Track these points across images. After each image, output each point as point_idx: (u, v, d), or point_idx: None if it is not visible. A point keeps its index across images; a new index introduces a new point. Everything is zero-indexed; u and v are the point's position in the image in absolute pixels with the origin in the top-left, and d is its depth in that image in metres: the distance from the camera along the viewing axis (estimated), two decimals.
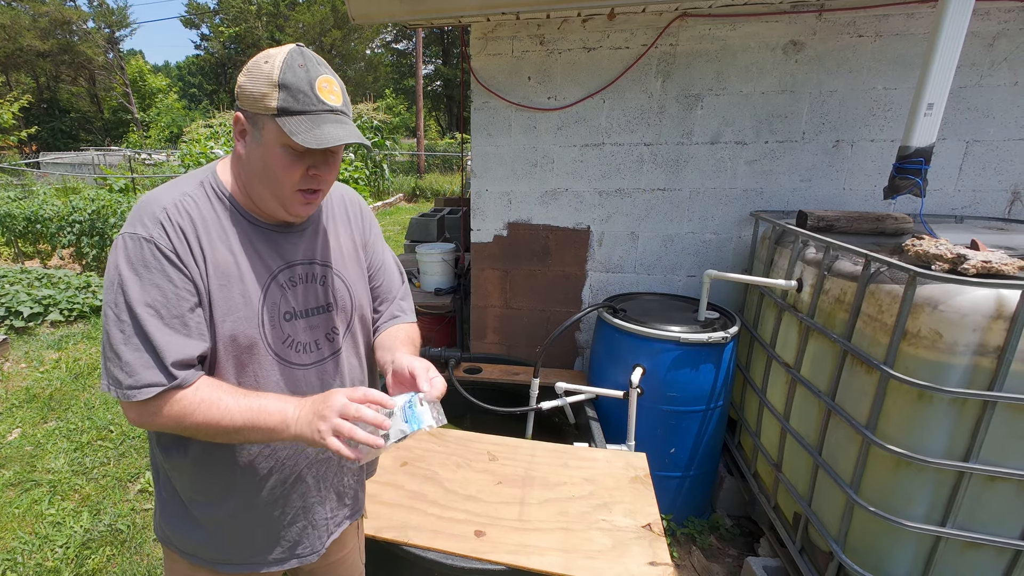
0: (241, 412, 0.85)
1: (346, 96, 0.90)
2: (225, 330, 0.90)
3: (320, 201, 0.95)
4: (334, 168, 0.92)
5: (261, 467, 0.98)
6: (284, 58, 0.84)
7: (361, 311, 1.09)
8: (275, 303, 0.95)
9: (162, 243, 0.85)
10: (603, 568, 1.31)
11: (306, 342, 1.00)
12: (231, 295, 0.90)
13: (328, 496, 1.09)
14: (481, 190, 2.89)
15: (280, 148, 0.85)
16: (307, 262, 1.00)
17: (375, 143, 14.29)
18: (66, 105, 30.38)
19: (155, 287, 0.84)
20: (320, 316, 1.01)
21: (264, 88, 0.83)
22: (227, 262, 0.91)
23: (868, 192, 2.51)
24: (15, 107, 12.00)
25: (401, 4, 2.25)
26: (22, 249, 7.17)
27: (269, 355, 0.95)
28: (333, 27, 27.91)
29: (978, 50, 2.26)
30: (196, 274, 0.87)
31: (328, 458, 1.05)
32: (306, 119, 0.83)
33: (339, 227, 1.09)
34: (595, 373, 2.47)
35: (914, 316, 1.41)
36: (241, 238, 0.93)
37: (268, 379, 0.95)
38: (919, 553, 1.50)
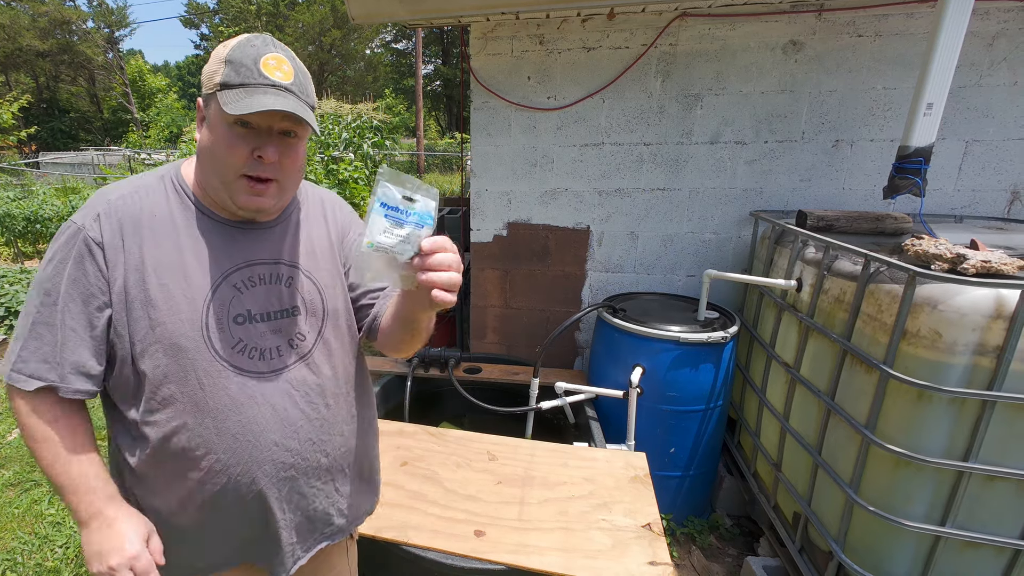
0: (58, 472, 0.83)
1: (303, 79, 0.84)
2: (164, 333, 0.83)
3: (275, 195, 0.87)
4: (287, 155, 0.84)
5: (214, 481, 0.88)
6: (240, 39, 0.81)
7: (336, 316, 0.99)
8: (224, 304, 0.87)
9: (91, 234, 0.81)
10: (603, 568, 1.31)
11: (264, 348, 0.90)
12: (172, 295, 0.83)
13: (295, 519, 0.97)
14: (481, 190, 2.89)
15: (223, 126, 0.80)
16: (271, 262, 0.92)
17: (375, 143, 14.27)
18: (66, 105, 30.35)
19: (72, 279, 0.81)
20: (283, 320, 0.92)
21: (215, 66, 0.80)
22: (171, 260, 0.84)
23: (868, 192, 2.51)
24: (15, 107, 11.99)
25: (401, 4, 2.25)
26: (22, 249, 7.17)
27: (216, 361, 0.86)
28: (333, 27, 27.89)
29: (977, 50, 2.26)
30: (121, 273, 0.82)
31: (292, 476, 0.94)
32: (242, 91, 0.78)
33: (313, 226, 1.01)
34: (595, 373, 2.47)
35: (914, 316, 1.41)
36: (193, 235, 0.86)
37: (214, 387, 0.86)
38: (919, 552, 1.51)
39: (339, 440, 1.00)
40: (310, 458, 0.95)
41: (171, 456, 0.87)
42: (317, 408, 0.95)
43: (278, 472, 0.92)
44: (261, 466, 0.90)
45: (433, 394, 2.65)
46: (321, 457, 0.97)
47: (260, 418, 0.89)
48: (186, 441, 0.86)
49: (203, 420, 0.86)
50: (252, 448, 0.89)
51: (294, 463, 0.93)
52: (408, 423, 2.04)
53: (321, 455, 0.97)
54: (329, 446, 0.98)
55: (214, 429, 0.86)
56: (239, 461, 0.88)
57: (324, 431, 0.97)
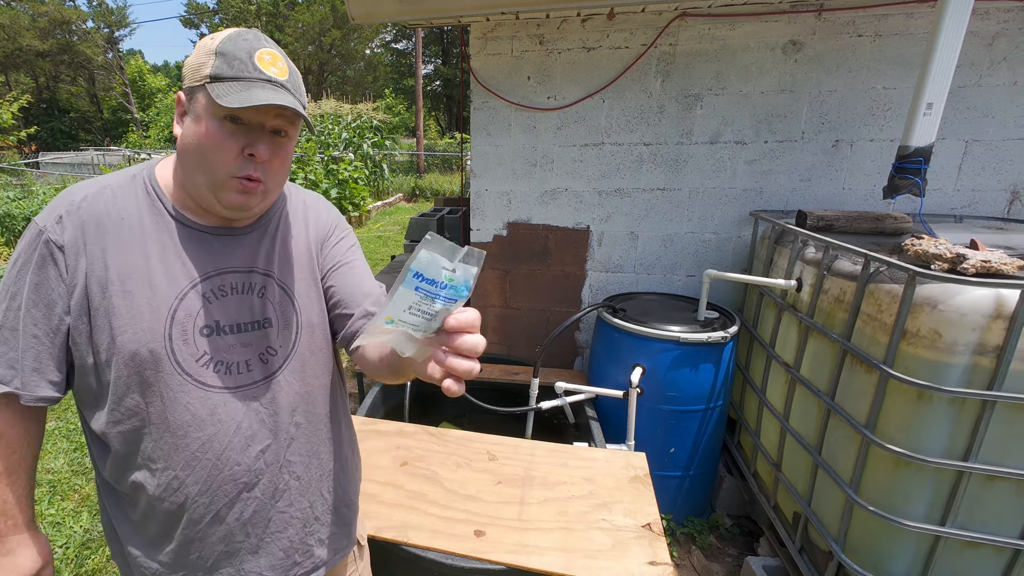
0: None
1: (296, 76, 0.81)
2: (125, 342, 0.78)
3: (262, 197, 0.83)
4: (278, 154, 0.81)
5: (171, 499, 0.84)
6: (230, 32, 0.78)
7: (311, 330, 0.92)
8: (190, 314, 0.81)
9: (53, 236, 0.78)
10: (603, 568, 1.31)
11: (233, 361, 0.85)
12: (135, 303, 0.79)
13: (262, 547, 0.90)
14: (481, 190, 2.89)
15: (212, 121, 0.75)
16: (245, 270, 0.87)
17: (375, 143, 14.26)
18: (65, 105, 30.36)
19: (33, 285, 0.78)
20: (254, 333, 0.86)
21: (202, 58, 0.76)
22: (135, 266, 0.79)
23: (868, 192, 2.51)
24: (14, 107, 11.97)
25: (401, 4, 2.25)
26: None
27: (177, 375, 0.81)
28: (333, 27, 27.90)
29: (977, 50, 2.27)
30: (82, 279, 0.78)
31: (256, 498, 0.87)
32: (237, 83, 0.74)
33: (292, 232, 0.93)
34: (595, 373, 2.47)
35: (913, 316, 1.41)
36: (163, 240, 0.82)
37: (175, 402, 0.81)
38: (919, 552, 1.51)
39: (314, 462, 0.94)
40: (277, 480, 0.89)
41: (131, 468, 0.84)
42: (286, 428, 0.89)
43: (240, 493, 0.86)
44: (221, 486, 0.84)
45: (433, 394, 2.64)
46: (291, 480, 0.91)
47: (222, 436, 0.83)
48: (148, 454, 0.82)
49: (163, 435, 0.82)
50: (212, 468, 0.83)
51: (258, 483, 0.87)
52: (408, 423, 2.04)
53: (291, 478, 0.91)
54: (300, 468, 0.92)
55: (173, 445, 0.82)
56: (197, 480, 0.83)
57: (293, 452, 0.91)
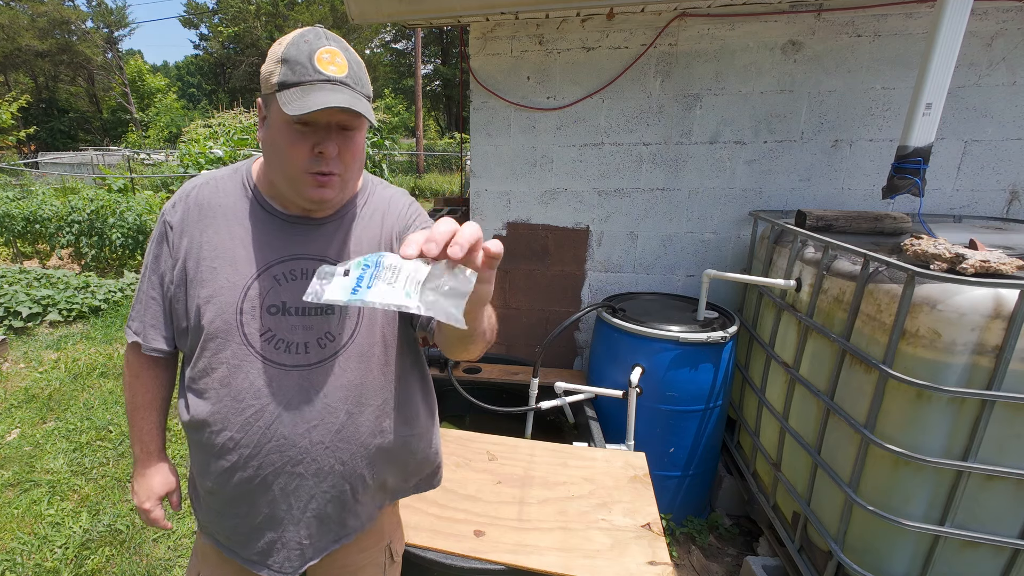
0: (129, 414, 1.07)
1: (357, 70, 0.84)
2: (207, 312, 0.90)
3: (339, 187, 0.89)
4: (347, 147, 0.86)
5: (227, 458, 0.92)
6: (294, 36, 0.82)
7: (372, 322, 0.96)
8: (261, 293, 0.90)
9: (168, 218, 0.96)
10: (602, 567, 1.31)
11: (294, 341, 0.91)
12: (218, 278, 0.90)
13: (303, 519, 0.96)
14: (480, 190, 2.89)
15: (283, 125, 0.83)
16: (317, 258, 0.94)
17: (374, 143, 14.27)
18: (65, 105, 30.33)
19: (154, 256, 0.97)
20: (317, 318, 0.92)
21: (271, 66, 0.82)
22: (225, 246, 0.92)
23: (867, 192, 2.52)
24: (14, 107, 11.97)
25: (400, 4, 2.25)
26: (21, 249, 7.16)
27: (244, 346, 0.90)
28: (332, 27, 27.90)
29: (976, 50, 2.27)
30: (183, 254, 0.93)
31: (300, 474, 0.93)
32: (299, 90, 0.79)
33: (367, 227, 0.99)
34: (594, 373, 2.47)
35: (913, 315, 1.41)
36: (249, 225, 0.93)
37: (239, 369, 0.90)
38: (918, 552, 1.51)
39: (360, 452, 0.96)
40: (322, 462, 0.93)
41: (200, 425, 0.94)
42: (336, 414, 0.93)
43: (285, 466, 0.92)
44: (268, 455, 0.91)
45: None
46: (336, 464, 0.94)
47: (273, 408, 0.90)
48: (210, 413, 0.93)
49: (224, 398, 0.91)
50: (261, 436, 0.91)
51: (303, 460, 0.92)
52: None
53: (335, 461, 0.94)
54: (345, 455, 0.95)
55: (232, 408, 0.91)
56: (250, 443, 0.91)
57: (341, 439, 0.94)
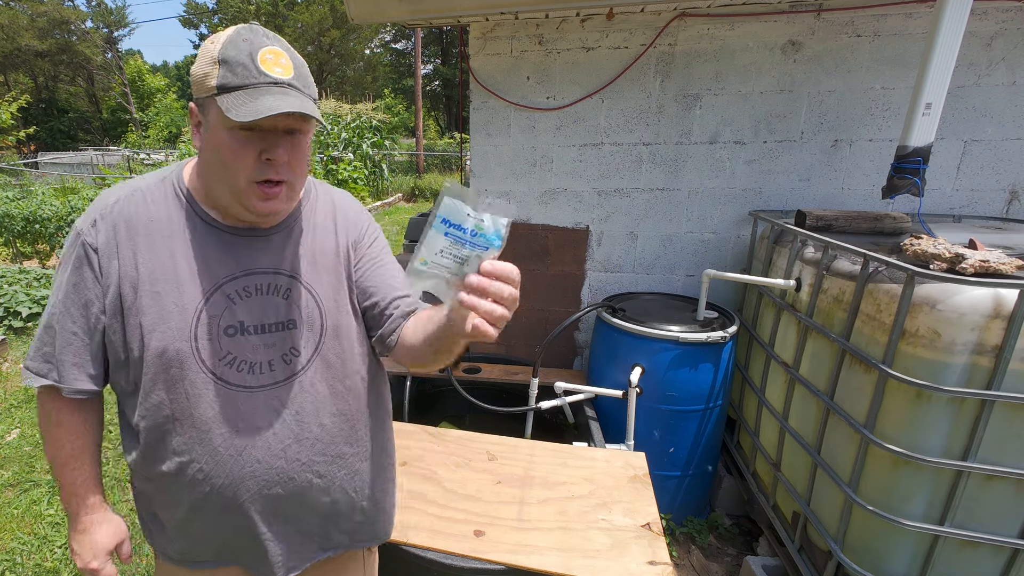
0: (56, 468, 0.93)
1: (301, 70, 0.80)
2: (154, 342, 0.82)
3: (287, 197, 0.83)
4: (295, 154, 0.81)
5: (199, 489, 0.88)
6: (230, 35, 0.77)
7: (336, 332, 0.93)
8: (215, 315, 0.84)
9: (88, 239, 0.83)
10: (602, 567, 1.31)
11: (257, 361, 0.87)
12: (163, 304, 0.82)
13: (284, 535, 0.94)
14: (480, 190, 2.89)
15: (225, 132, 0.76)
16: (270, 271, 0.88)
17: (374, 143, 14.24)
18: (64, 105, 30.33)
19: (72, 285, 0.84)
20: (279, 334, 0.88)
21: (207, 68, 0.76)
22: (165, 267, 0.83)
23: (867, 191, 2.52)
24: (13, 107, 11.95)
25: (400, 4, 2.24)
26: (20, 249, 7.16)
27: (202, 373, 0.84)
28: (332, 27, 27.88)
29: (976, 50, 2.27)
30: (115, 280, 0.82)
31: (278, 494, 0.90)
32: (244, 93, 0.73)
33: (319, 233, 0.94)
34: (594, 373, 2.47)
35: (912, 315, 1.41)
36: (190, 241, 0.84)
37: (199, 399, 0.84)
38: (917, 552, 1.51)
39: (338, 462, 0.96)
40: (299, 478, 0.92)
41: (158, 459, 0.88)
42: (310, 428, 0.91)
43: (261, 490, 0.89)
44: (243, 482, 0.88)
45: (432, 394, 2.64)
46: (313, 478, 0.93)
47: (243, 434, 0.86)
48: (173, 448, 0.86)
49: (188, 430, 0.85)
50: (233, 464, 0.86)
51: (279, 481, 0.90)
52: (407, 423, 2.04)
53: (313, 476, 0.93)
54: (323, 467, 0.94)
55: (198, 439, 0.85)
56: (221, 474, 0.87)
57: (317, 452, 0.93)
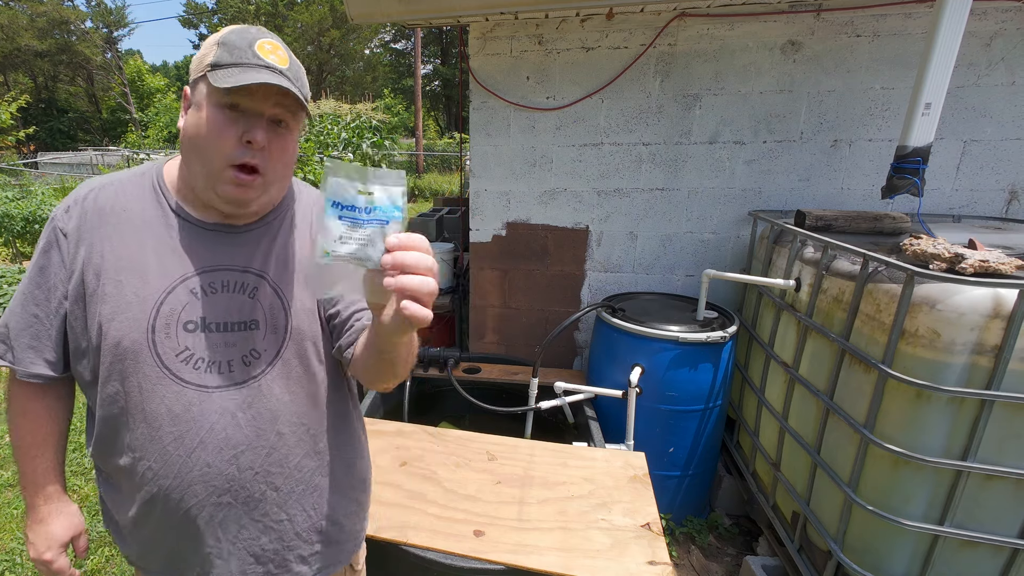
0: (17, 456, 0.92)
1: (297, 68, 0.80)
2: (112, 331, 0.80)
3: (260, 190, 0.81)
4: (277, 144, 0.79)
5: (146, 488, 0.85)
6: (235, 26, 0.79)
7: (300, 337, 0.89)
8: (175, 308, 0.81)
9: (60, 224, 0.84)
10: (602, 567, 1.31)
11: (215, 360, 0.83)
12: (124, 293, 0.80)
13: (235, 552, 0.89)
14: (480, 190, 2.89)
15: (212, 108, 0.76)
16: (239, 269, 0.86)
17: (374, 143, 14.24)
18: (64, 105, 30.32)
19: (39, 268, 0.84)
20: (241, 333, 0.85)
21: (205, 50, 0.78)
22: (132, 257, 0.81)
23: (866, 191, 2.52)
24: (13, 107, 11.94)
25: (400, 4, 2.24)
26: (20, 249, 7.16)
27: (156, 367, 0.81)
28: (331, 27, 27.88)
29: (975, 50, 2.27)
30: (79, 266, 0.82)
31: (228, 503, 0.86)
32: (235, 68, 0.74)
33: (295, 235, 0.91)
34: (594, 373, 2.47)
35: (912, 315, 1.41)
36: (159, 233, 0.83)
37: (152, 394, 0.81)
38: (917, 552, 1.51)
39: (296, 475, 0.91)
40: (252, 488, 0.87)
41: (112, 453, 0.87)
42: (266, 436, 0.87)
43: (211, 496, 0.85)
44: (191, 486, 0.84)
45: (432, 394, 2.64)
46: (268, 490, 0.89)
47: (195, 435, 0.83)
48: (125, 441, 0.85)
49: (139, 425, 0.83)
50: (182, 465, 0.83)
51: (230, 489, 0.86)
52: (407, 423, 2.04)
53: (268, 488, 0.89)
54: (279, 479, 0.89)
55: (148, 436, 0.83)
56: (169, 474, 0.84)
57: (273, 462, 0.88)
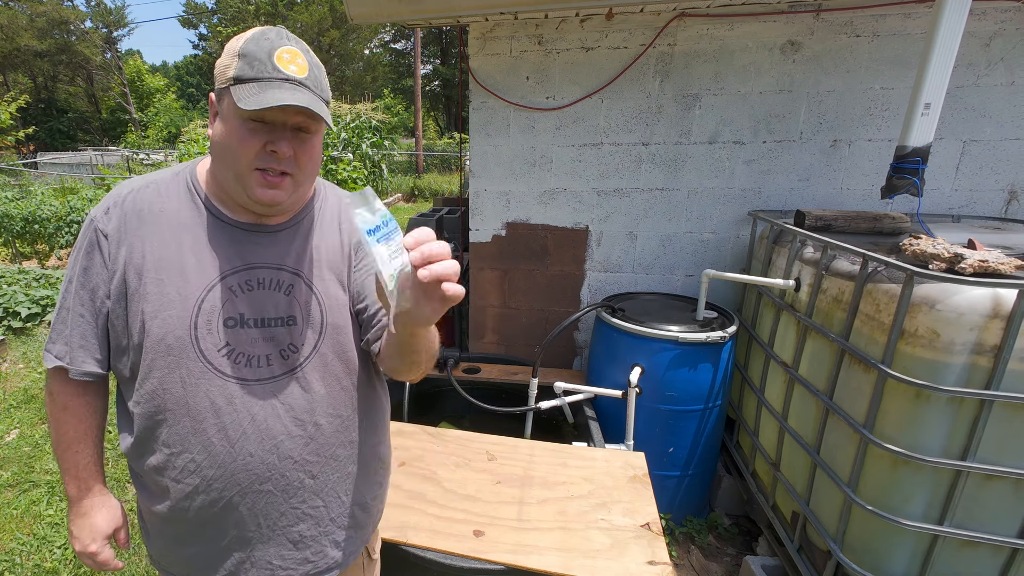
0: (59, 451, 0.95)
1: (316, 72, 0.83)
2: (155, 328, 0.83)
3: (290, 189, 0.85)
4: (302, 149, 0.83)
5: (187, 481, 0.88)
6: (255, 32, 0.81)
7: (336, 332, 0.94)
8: (216, 305, 0.85)
9: (100, 226, 0.86)
10: (602, 567, 1.31)
11: (255, 354, 0.87)
12: (166, 291, 0.84)
13: (274, 538, 0.93)
14: (479, 190, 2.89)
15: (236, 120, 0.79)
16: (274, 267, 0.90)
17: (374, 143, 14.24)
18: (64, 105, 30.30)
19: (83, 268, 0.87)
20: (278, 328, 0.89)
21: (227, 60, 0.80)
22: (171, 256, 0.85)
23: (866, 192, 2.52)
24: (12, 107, 11.94)
25: (399, 4, 2.25)
26: (20, 249, 7.15)
27: (199, 362, 0.85)
28: (331, 27, 27.87)
29: (975, 50, 2.27)
30: (121, 266, 0.85)
31: (269, 491, 0.90)
32: (256, 85, 0.77)
33: (326, 233, 0.96)
34: (594, 373, 2.47)
35: (911, 315, 1.41)
36: (197, 233, 0.87)
37: (196, 388, 0.85)
38: (917, 552, 1.51)
39: (332, 464, 0.96)
40: (291, 477, 0.92)
41: (151, 449, 0.89)
42: (304, 426, 0.91)
43: (252, 484, 0.89)
44: (234, 475, 0.88)
45: (432, 394, 2.65)
46: (306, 478, 0.93)
47: (238, 426, 0.87)
48: (164, 436, 0.87)
49: (181, 419, 0.86)
50: (226, 455, 0.87)
51: (271, 478, 0.90)
52: (407, 423, 2.04)
53: (306, 476, 0.93)
54: (316, 468, 0.94)
55: (191, 429, 0.86)
56: (213, 464, 0.87)
57: (311, 451, 0.93)
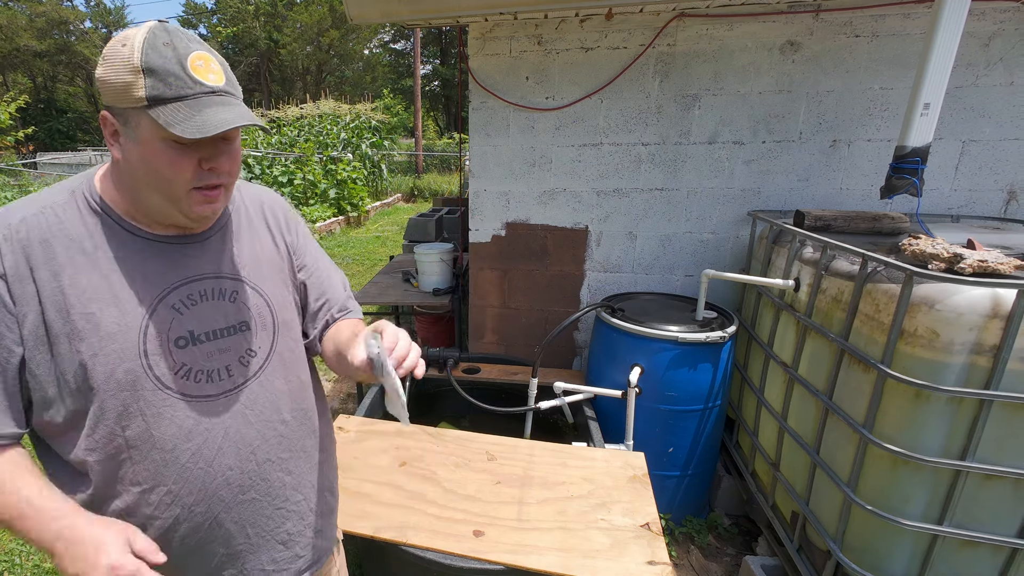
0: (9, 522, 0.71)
1: (229, 73, 0.77)
2: (99, 367, 0.75)
3: (224, 198, 0.82)
4: (233, 158, 0.79)
5: (166, 515, 0.82)
6: (145, 37, 0.70)
7: (288, 328, 0.93)
8: (162, 328, 0.79)
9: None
10: (602, 567, 1.31)
11: (212, 369, 0.84)
12: (102, 324, 0.75)
13: (263, 544, 0.92)
14: (479, 190, 2.89)
15: (160, 143, 0.72)
16: (213, 276, 0.85)
17: (373, 143, 14.24)
18: (63, 105, 30.28)
19: None
20: (232, 338, 0.86)
21: (127, 76, 0.69)
22: (97, 285, 0.76)
23: (865, 192, 2.52)
24: (12, 107, 11.91)
25: (399, 4, 2.25)
26: None
27: (158, 390, 0.79)
28: (331, 27, 27.88)
29: (974, 50, 2.27)
30: (34, 306, 0.73)
31: (253, 499, 0.89)
32: (184, 105, 0.70)
33: (255, 232, 0.93)
34: (593, 373, 2.47)
35: (911, 315, 1.41)
36: (120, 256, 0.78)
37: (159, 418, 0.79)
38: (916, 551, 1.51)
39: (302, 456, 0.97)
40: (272, 479, 0.91)
41: (116, 493, 0.81)
42: (274, 426, 0.91)
43: (236, 496, 0.87)
44: (216, 492, 0.85)
45: (432, 394, 2.65)
46: (284, 476, 0.93)
47: (212, 444, 0.84)
48: (132, 476, 0.80)
49: (149, 454, 0.80)
50: (205, 476, 0.84)
51: (254, 485, 0.89)
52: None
53: (284, 474, 0.93)
54: (291, 463, 0.94)
55: (162, 461, 0.81)
56: (192, 491, 0.83)
57: (284, 448, 0.93)
